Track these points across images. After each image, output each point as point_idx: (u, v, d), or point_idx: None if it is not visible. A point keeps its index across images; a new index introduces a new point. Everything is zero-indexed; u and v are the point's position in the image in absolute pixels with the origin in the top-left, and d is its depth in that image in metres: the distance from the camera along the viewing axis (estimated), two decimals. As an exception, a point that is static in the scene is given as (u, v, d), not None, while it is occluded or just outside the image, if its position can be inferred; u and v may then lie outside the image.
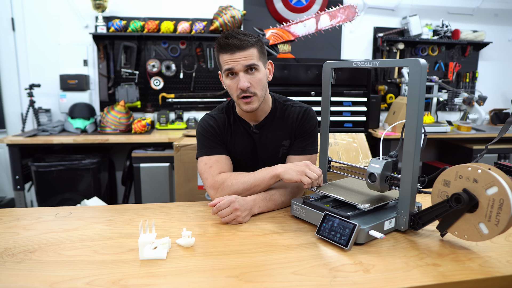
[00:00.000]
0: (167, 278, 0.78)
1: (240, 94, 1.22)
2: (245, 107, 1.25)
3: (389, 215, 1.00)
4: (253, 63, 1.20)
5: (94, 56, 3.31)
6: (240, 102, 1.25)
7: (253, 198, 1.16)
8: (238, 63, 1.19)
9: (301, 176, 1.12)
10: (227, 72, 1.22)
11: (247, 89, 1.21)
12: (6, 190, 3.37)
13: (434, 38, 3.64)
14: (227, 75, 1.23)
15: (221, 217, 1.08)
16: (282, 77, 2.83)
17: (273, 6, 3.46)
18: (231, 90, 1.25)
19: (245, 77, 1.20)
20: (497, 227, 0.81)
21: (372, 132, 3.15)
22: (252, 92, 1.22)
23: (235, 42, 1.17)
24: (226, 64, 1.20)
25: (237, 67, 1.19)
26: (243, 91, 1.21)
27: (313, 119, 1.36)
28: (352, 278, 0.78)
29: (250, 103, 1.24)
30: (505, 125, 0.98)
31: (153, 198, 2.90)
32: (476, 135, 3.26)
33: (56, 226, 1.07)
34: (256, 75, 1.22)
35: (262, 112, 1.35)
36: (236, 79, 1.22)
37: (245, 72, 1.21)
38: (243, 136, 1.36)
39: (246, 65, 1.19)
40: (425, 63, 0.89)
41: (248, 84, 1.20)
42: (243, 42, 1.18)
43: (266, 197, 1.19)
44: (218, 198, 1.09)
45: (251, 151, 1.37)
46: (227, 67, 1.20)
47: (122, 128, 3.06)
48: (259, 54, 1.23)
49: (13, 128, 3.31)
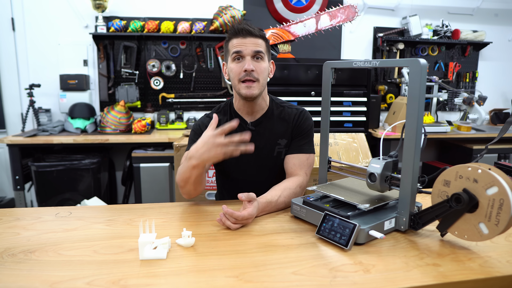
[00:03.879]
0: (167, 278, 0.78)
1: (243, 77, 1.25)
2: (246, 91, 1.26)
3: (389, 215, 1.00)
4: (261, 50, 1.26)
5: (94, 56, 3.31)
6: (241, 86, 1.26)
7: (262, 206, 1.13)
8: (247, 48, 1.24)
9: (215, 158, 1.08)
10: (234, 56, 1.26)
11: (251, 73, 1.24)
12: (6, 190, 3.37)
13: (434, 38, 3.64)
14: (233, 59, 1.26)
15: (231, 223, 1.04)
16: (282, 77, 2.83)
17: (273, 6, 3.46)
18: (234, 74, 1.27)
19: (251, 62, 1.24)
20: (497, 227, 0.81)
21: (372, 132, 3.15)
22: (255, 77, 1.25)
23: (248, 28, 1.24)
24: (235, 47, 1.25)
25: (246, 51, 1.24)
26: (246, 73, 1.24)
27: (309, 120, 1.39)
28: (352, 278, 0.78)
29: (251, 87, 1.25)
30: (505, 125, 0.98)
31: (153, 198, 2.90)
32: (476, 135, 3.26)
33: (56, 226, 1.07)
34: (261, 63, 1.27)
35: (260, 108, 1.36)
36: (241, 62, 1.25)
37: (252, 58, 1.25)
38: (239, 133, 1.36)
39: (254, 51, 1.24)
40: (425, 63, 0.89)
41: (253, 67, 1.24)
42: (255, 30, 1.26)
43: (272, 202, 1.18)
44: (246, 196, 1.05)
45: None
46: (236, 49, 1.24)
47: (122, 128, 3.06)
48: (266, 47, 1.29)
49: (13, 128, 3.31)
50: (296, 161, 1.33)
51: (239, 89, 1.28)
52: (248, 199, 1.07)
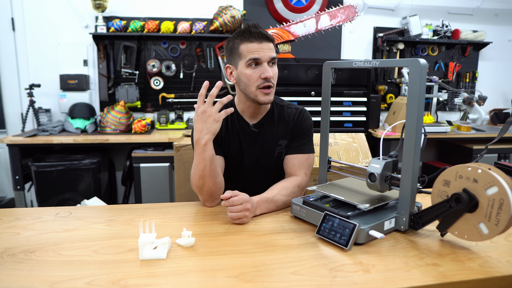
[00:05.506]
0: (167, 278, 0.78)
1: (262, 84, 1.23)
2: (264, 98, 1.25)
3: (389, 215, 1.00)
4: (275, 57, 1.25)
5: (94, 56, 3.31)
6: (258, 93, 1.25)
7: (257, 200, 1.15)
8: (265, 54, 1.22)
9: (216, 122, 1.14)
10: (250, 62, 1.22)
11: (270, 79, 1.23)
12: (6, 190, 3.37)
13: (434, 38, 3.64)
14: (249, 65, 1.23)
15: (230, 212, 1.07)
16: (282, 77, 2.83)
17: (273, 6, 3.46)
18: (250, 80, 1.23)
19: (269, 68, 1.23)
20: (497, 227, 0.81)
21: (372, 132, 3.15)
22: (272, 83, 1.25)
23: (264, 33, 1.22)
24: (253, 54, 1.21)
25: (264, 57, 1.22)
26: (266, 80, 1.22)
27: (309, 119, 1.39)
28: (352, 278, 0.78)
29: (269, 94, 1.25)
30: (505, 125, 0.98)
31: (153, 198, 2.90)
32: (476, 135, 3.26)
33: (56, 226, 1.07)
34: (275, 69, 1.27)
35: (264, 110, 1.37)
36: (259, 69, 1.23)
37: (268, 64, 1.24)
38: (242, 135, 1.36)
39: (271, 57, 1.23)
40: (425, 63, 0.89)
41: (272, 74, 1.23)
42: (268, 35, 1.23)
43: (269, 199, 1.19)
44: (231, 192, 1.08)
45: (249, 150, 1.37)
46: (254, 56, 1.21)
47: (122, 128, 3.06)
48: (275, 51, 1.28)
49: (13, 128, 3.31)
50: (295, 162, 1.33)
51: (256, 96, 1.25)
52: (231, 195, 1.08)
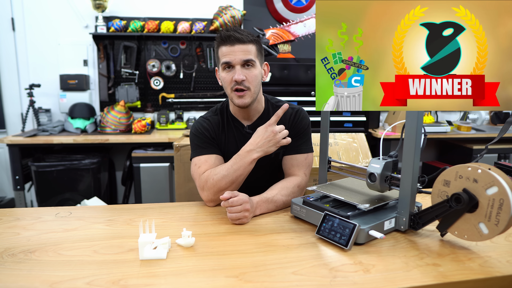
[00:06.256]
0: (167, 278, 0.78)
1: (234, 87, 1.23)
2: (238, 101, 1.25)
3: (389, 215, 1.00)
4: (251, 59, 1.22)
5: (94, 56, 3.31)
6: (233, 95, 1.25)
7: (257, 201, 1.15)
8: (236, 57, 1.20)
9: (275, 147, 1.20)
10: (224, 65, 1.23)
11: (242, 82, 1.22)
12: (6, 190, 3.37)
13: (434, 38, 3.63)
14: (224, 68, 1.24)
15: (230, 212, 1.07)
16: (282, 77, 2.83)
17: (273, 6, 3.46)
18: (225, 83, 1.25)
19: (241, 71, 1.21)
20: (497, 227, 0.81)
21: (372, 132, 3.15)
22: (246, 86, 1.23)
23: (236, 35, 1.20)
24: (225, 57, 1.21)
25: (235, 60, 1.21)
26: (237, 83, 1.22)
27: (306, 119, 1.37)
28: (352, 278, 0.78)
29: (243, 97, 1.24)
30: (505, 125, 0.98)
31: (153, 198, 2.90)
32: (476, 135, 3.26)
33: (56, 226, 1.07)
34: (252, 71, 1.23)
35: (255, 112, 1.35)
36: (232, 71, 1.23)
37: (242, 66, 1.22)
38: (237, 137, 1.36)
39: (243, 60, 1.21)
40: (425, 63, 0.89)
41: (244, 77, 1.21)
42: (243, 36, 1.21)
43: (269, 199, 1.18)
44: (231, 193, 1.08)
45: None
46: (225, 60, 1.21)
47: (122, 128, 3.06)
48: (257, 52, 1.25)
49: (13, 128, 3.31)
50: (294, 162, 1.33)
51: (231, 98, 1.27)
52: (230, 196, 1.08)
